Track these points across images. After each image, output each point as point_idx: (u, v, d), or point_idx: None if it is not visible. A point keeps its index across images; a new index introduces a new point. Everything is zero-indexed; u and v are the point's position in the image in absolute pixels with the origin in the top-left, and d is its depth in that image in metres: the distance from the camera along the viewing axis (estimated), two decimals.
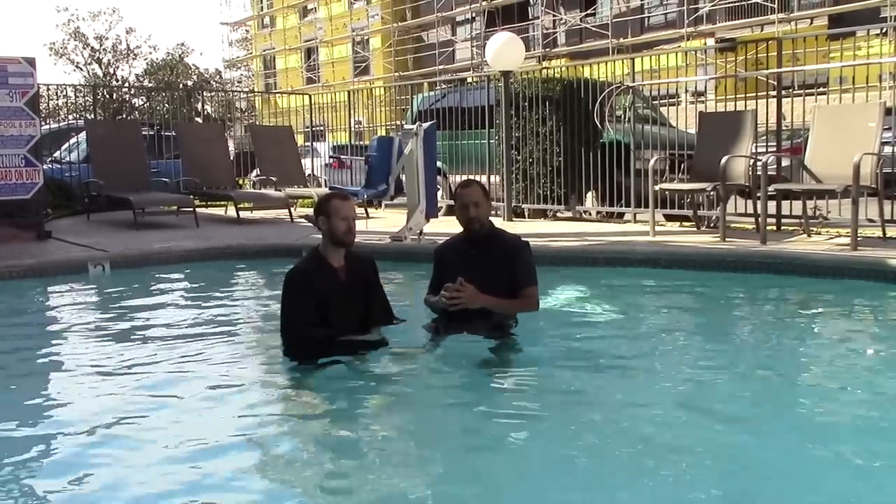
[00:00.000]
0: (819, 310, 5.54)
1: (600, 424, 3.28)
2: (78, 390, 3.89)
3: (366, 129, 14.93)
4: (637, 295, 6.05)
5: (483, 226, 4.32)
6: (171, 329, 5.09)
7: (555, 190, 9.84)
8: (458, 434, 3.28)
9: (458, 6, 34.21)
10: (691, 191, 8.19)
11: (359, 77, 37.73)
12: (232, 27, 48.16)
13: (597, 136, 9.62)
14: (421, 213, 7.81)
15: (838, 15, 23.50)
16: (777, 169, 8.28)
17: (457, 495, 2.71)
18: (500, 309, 4.20)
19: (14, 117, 8.37)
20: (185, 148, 11.29)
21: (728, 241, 7.19)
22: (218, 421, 3.39)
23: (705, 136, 8.27)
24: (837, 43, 8.82)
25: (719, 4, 26.90)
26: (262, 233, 9.18)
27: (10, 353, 4.64)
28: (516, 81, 10.22)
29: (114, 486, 2.77)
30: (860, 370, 4.12)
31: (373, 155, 10.13)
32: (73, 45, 44.94)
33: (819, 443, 3.07)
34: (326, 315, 3.97)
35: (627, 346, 4.63)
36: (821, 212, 7.93)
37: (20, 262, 6.89)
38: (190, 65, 47.33)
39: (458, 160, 11.13)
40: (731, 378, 3.99)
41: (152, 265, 7.24)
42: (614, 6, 29.81)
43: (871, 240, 6.96)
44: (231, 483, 2.79)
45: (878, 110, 7.08)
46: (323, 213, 4.02)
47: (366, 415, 3.53)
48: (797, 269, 6.14)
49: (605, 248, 7.13)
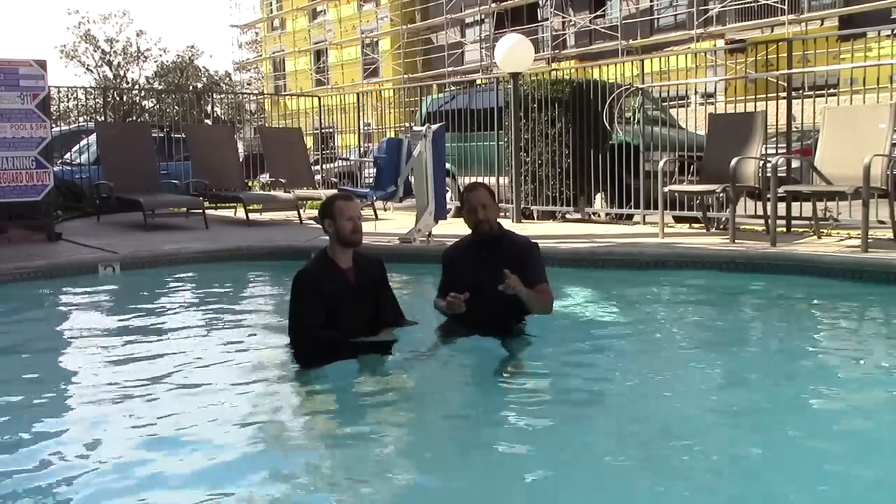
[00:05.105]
0: (830, 312, 5.51)
1: (610, 426, 3.27)
2: (86, 391, 3.90)
3: (375, 131, 14.95)
4: (646, 297, 6.03)
5: (492, 227, 4.32)
6: (180, 330, 5.11)
7: (564, 192, 9.82)
8: (468, 436, 3.28)
9: (468, 8, 34.22)
10: (701, 192, 8.17)
11: (368, 79, 37.78)
12: (242, 30, 48.37)
13: (606, 137, 9.60)
14: (430, 215, 7.81)
15: (849, 16, 23.39)
16: (787, 170, 8.25)
17: (466, 496, 2.71)
18: (531, 301, 4.16)
19: (25, 119, 8.41)
20: (195, 150, 11.32)
21: (738, 243, 7.17)
22: (226, 420, 3.39)
23: (715, 137, 8.25)
24: (848, 44, 8.77)
25: (729, 6, 26.83)
26: (271, 234, 9.20)
27: (21, 353, 4.66)
28: (525, 83, 10.21)
29: (118, 485, 2.77)
30: (872, 372, 4.10)
31: (382, 157, 10.13)
32: (84, 48, 45.26)
33: (831, 444, 3.05)
34: (335, 316, 3.97)
35: (637, 348, 4.62)
36: (831, 213, 7.90)
37: (31, 264, 6.92)
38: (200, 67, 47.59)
39: (467, 162, 11.12)
40: (740, 380, 3.97)
41: (162, 267, 7.27)
42: (624, 8, 29.77)
43: (882, 241, 6.92)
44: (238, 482, 2.79)
45: (889, 111, 7.04)
46: (328, 216, 4.02)
47: (374, 417, 3.53)
48: (807, 270, 6.11)
49: (614, 250, 7.11)
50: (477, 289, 4.08)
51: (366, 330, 4.04)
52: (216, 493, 2.71)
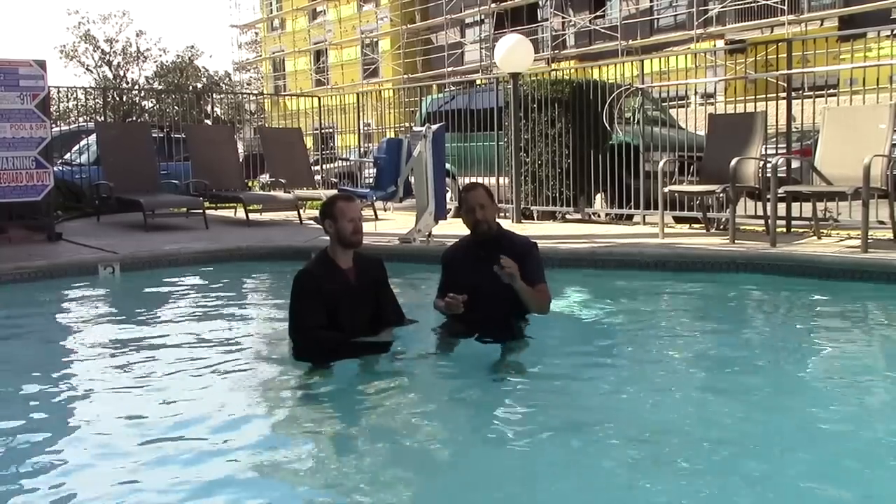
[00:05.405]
0: (830, 312, 5.51)
1: (610, 427, 3.27)
2: (86, 391, 3.91)
3: (375, 132, 14.95)
4: (646, 297, 6.04)
5: (490, 227, 4.33)
6: (180, 331, 5.11)
7: (563, 192, 9.82)
8: (467, 436, 3.28)
9: (467, 8, 34.22)
10: (701, 193, 8.17)
11: (368, 79, 37.77)
12: (241, 30, 48.37)
13: (606, 137, 9.60)
14: (430, 215, 7.82)
15: (849, 16, 23.38)
16: (787, 171, 8.25)
17: (465, 497, 2.71)
18: (525, 295, 4.18)
19: (25, 119, 8.42)
20: (195, 150, 11.32)
21: (738, 244, 7.17)
22: (226, 420, 3.39)
23: (715, 137, 8.25)
24: (848, 44, 8.77)
25: (729, 6, 26.83)
26: (271, 235, 9.20)
27: (20, 353, 4.67)
28: (525, 83, 10.21)
29: (119, 484, 2.77)
30: (871, 373, 4.10)
31: (381, 157, 10.13)
32: (84, 48, 45.24)
33: (831, 445, 3.06)
34: (335, 317, 3.97)
35: (636, 348, 4.62)
36: (831, 214, 7.90)
37: (31, 264, 6.92)
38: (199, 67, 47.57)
39: (467, 162, 11.12)
40: (740, 381, 3.97)
41: (162, 267, 7.27)
42: (624, 8, 29.77)
43: (882, 242, 6.92)
44: (238, 482, 2.79)
45: (889, 112, 7.04)
46: (329, 217, 4.02)
47: (374, 417, 3.53)
48: (807, 271, 6.11)
49: (613, 251, 7.11)
50: (476, 289, 4.09)
51: (366, 330, 4.04)
52: (216, 493, 2.71)
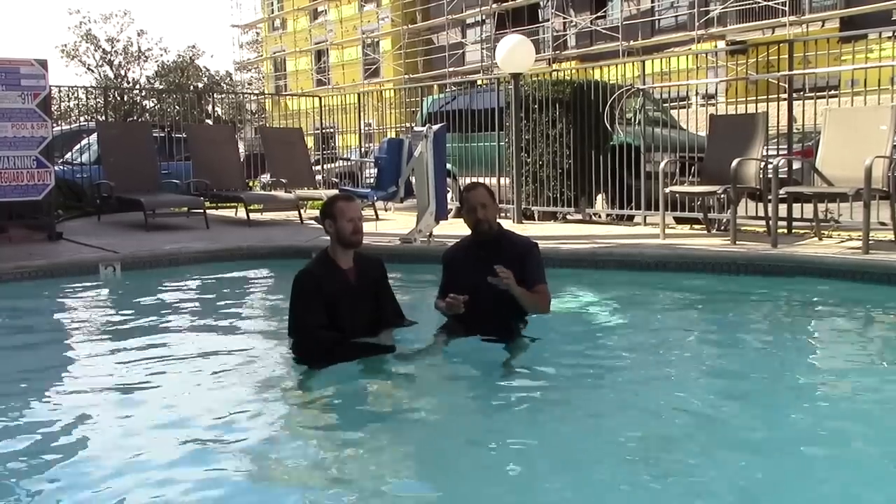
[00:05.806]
0: (830, 313, 5.51)
1: (609, 427, 3.27)
2: (86, 390, 3.91)
3: (376, 132, 14.95)
4: (647, 298, 6.03)
5: (491, 227, 4.33)
6: (180, 330, 5.11)
7: (564, 192, 9.82)
8: (468, 436, 3.28)
9: (468, 8, 34.22)
10: (702, 193, 8.17)
11: (369, 79, 37.76)
12: (242, 30, 48.36)
13: (607, 138, 9.60)
14: (431, 216, 7.81)
15: (850, 17, 23.38)
16: (788, 172, 8.25)
17: (465, 496, 2.71)
18: (524, 300, 4.19)
19: (26, 119, 8.42)
20: (196, 150, 11.32)
21: (738, 245, 7.17)
22: (226, 420, 3.39)
23: (716, 138, 8.25)
24: (849, 45, 8.77)
25: (730, 7, 26.83)
26: (271, 234, 9.20)
27: (21, 353, 4.67)
28: (526, 84, 10.21)
29: (118, 483, 2.77)
30: (872, 374, 4.10)
31: (382, 157, 10.13)
32: (85, 48, 45.15)
33: (831, 444, 3.06)
34: (335, 317, 3.97)
35: (637, 349, 4.61)
36: (832, 215, 7.89)
37: (31, 263, 6.92)
38: (201, 67, 47.52)
39: (468, 162, 11.12)
40: (740, 382, 3.97)
41: (163, 266, 7.27)
42: (625, 9, 29.77)
43: (883, 243, 6.92)
44: (238, 482, 2.80)
45: (890, 113, 7.03)
46: (329, 216, 4.02)
47: (374, 417, 3.53)
48: (808, 272, 6.11)
49: (614, 251, 7.11)
50: (477, 289, 4.08)
51: (366, 330, 4.04)
52: (216, 493, 2.71)
